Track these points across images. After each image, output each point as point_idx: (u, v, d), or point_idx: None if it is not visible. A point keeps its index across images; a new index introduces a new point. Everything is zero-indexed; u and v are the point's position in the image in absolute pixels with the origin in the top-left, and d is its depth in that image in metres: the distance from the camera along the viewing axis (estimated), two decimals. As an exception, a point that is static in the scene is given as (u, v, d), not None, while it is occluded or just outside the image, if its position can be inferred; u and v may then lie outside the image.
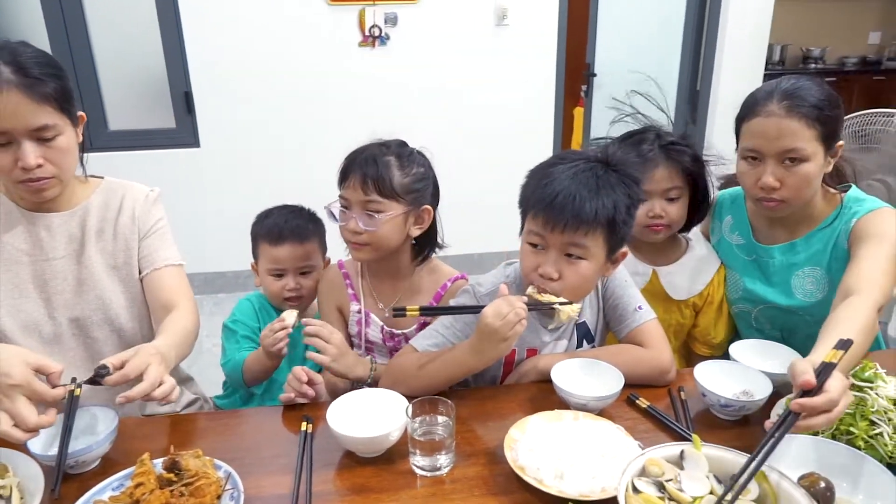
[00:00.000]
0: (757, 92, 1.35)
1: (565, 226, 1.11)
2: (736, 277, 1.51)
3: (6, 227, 1.28)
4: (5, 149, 1.14)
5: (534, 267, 1.17)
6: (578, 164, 1.18)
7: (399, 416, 1.06)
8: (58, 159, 1.18)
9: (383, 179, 1.28)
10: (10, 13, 3.36)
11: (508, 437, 1.04)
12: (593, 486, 0.93)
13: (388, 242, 1.32)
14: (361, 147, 1.35)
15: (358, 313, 1.43)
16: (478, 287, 1.29)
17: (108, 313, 1.34)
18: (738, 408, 1.11)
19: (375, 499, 0.97)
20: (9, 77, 1.09)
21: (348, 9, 3.46)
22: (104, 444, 1.04)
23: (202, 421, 1.24)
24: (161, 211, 1.43)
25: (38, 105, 1.12)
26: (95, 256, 1.32)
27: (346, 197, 1.32)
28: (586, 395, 1.13)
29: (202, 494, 0.90)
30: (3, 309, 1.27)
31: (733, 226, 1.53)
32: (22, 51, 1.15)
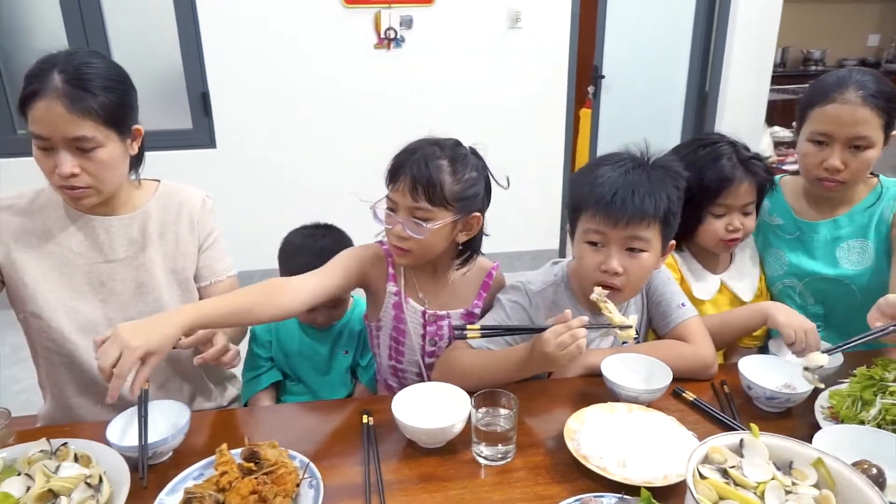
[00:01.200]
0: (827, 79, 1.43)
1: (628, 220, 1.16)
2: (780, 254, 1.59)
3: (63, 229, 1.30)
4: (48, 153, 1.17)
5: (596, 265, 1.21)
6: (625, 163, 1.23)
7: (459, 408, 1.10)
8: (95, 171, 1.20)
9: (434, 187, 1.21)
10: (31, 16, 3.38)
11: (567, 428, 1.09)
12: (656, 474, 0.97)
13: (433, 250, 1.28)
14: (413, 145, 1.28)
15: (395, 295, 1.37)
16: (528, 285, 1.34)
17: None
18: (784, 400, 1.16)
19: (444, 487, 1.01)
20: (57, 86, 1.13)
21: (364, 11, 3.50)
22: (178, 436, 1.08)
23: (263, 415, 1.28)
24: (215, 219, 1.47)
25: (78, 117, 1.15)
26: (156, 260, 1.35)
27: (393, 199, 1.26)
28: (637, 388, 1.17)
29: (283, 483, 0.94)
30: (61, 310, 1.30)
31: (771, 209, 1.61)
32: (85, 61, 1.18)
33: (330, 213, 3.76)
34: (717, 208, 1.45)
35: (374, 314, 1.42)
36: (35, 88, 1.14)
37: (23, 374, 3.12)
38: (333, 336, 1.64)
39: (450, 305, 1.38)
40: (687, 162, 1.43)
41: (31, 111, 1.15)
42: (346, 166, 3.73)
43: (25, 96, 1.15)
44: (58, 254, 1.30)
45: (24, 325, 1.34)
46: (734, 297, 1.54)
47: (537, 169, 3.97)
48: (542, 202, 4.05)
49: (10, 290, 1.31)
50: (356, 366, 1.66)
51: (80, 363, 1.32)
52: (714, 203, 1.44)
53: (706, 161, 1.44)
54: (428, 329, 1.38)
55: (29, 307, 1.29)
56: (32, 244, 1.29)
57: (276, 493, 0.91)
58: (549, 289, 1.34)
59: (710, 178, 1.42)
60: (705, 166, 1.43)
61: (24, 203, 1.30)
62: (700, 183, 1.42)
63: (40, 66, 1.17)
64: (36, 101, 1.14)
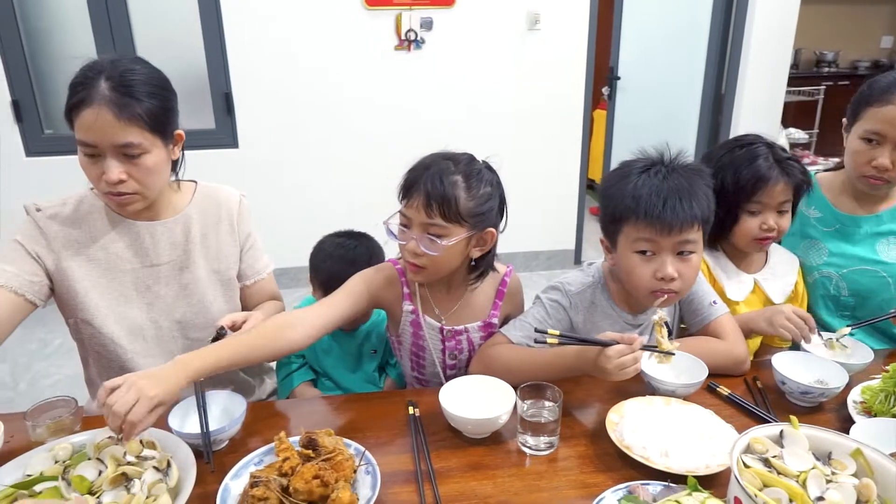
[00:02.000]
0: (881, 80, 1.47)
1: (681, 227, 1.18)
2: (819, 245, 1.64)
3: (108, 236, 1.32)
4: (95, 160, 1.19)
5: (650, 274, 1.22)
6: (658, 168, 1.25)
7: (504, 400, 1.14)
8: (142, 177, 1.22)
9: (449, 203, 1.19)
10: (58, 17, 3.44)
11: (608, 420, 1.13)
12: (697, 463, 1.01)
13: (447, 266, 1.27)
14: (426, 160, 1.26)
15: (412, 314, 1.37)
16: (568, 286, 1.37)
17: (208, 316, 1.40)
18: (818, 395, 1.20)
19: (492, 475, 1.06)
20: (104, 93, 1.14)
21: (385, 13, 3.55)
22: (236, 424, 1.12)
23: (308, 406, 1.32)
24: (252, 219, 1.50)
25: (125, 123, 1.16)
26: (199, 262, 1.38)
27: (407, 215, 1.24)
28: (675, 382, 1.21)
29: (342, 469, 0.98)
30: (111, 317, 1.32)
31: (808, 202, 1.66)
32: (129, 68, 1.19)
33: (349, 212, 3.83)
34: (752, 206, 1.47)
35: (394, 329, 1.44)
36: (83, 96, 1.14)
37: (52, 368, 3.18)
38: (361, 337, 1.68)
39: (467, 319, 1.38)
40: (723, 162, 1.46)
41: (79, 119, 1.15)
42: (366, 166, 3.78)
43: (73, 104, 1.16)
44: (104, 260, 1.32)
45: (73, 329, 1.36)
46: (766, 298, 1.57)
47: (554, 170, 4.01)
48: (558, 203, 4.09)
49: (59, 298, 1.32)
50: (385, 364, 1.70)
51: (130, 367, 1.34)
52: (749, 201, 1.47)
53: (742, 160, 1.46)
54: (447, 344, 1.39)
55: (80, 314, 1.31)
56: (80, 252, 1.30)
57: (337, 478, 0.95)
58: (587, 290, 1.38)
59: (746, 177, 1.45)
60: (741, 165, 1.45)
61: (69, 211, 1.31)
62: (736, 182, 1.45)
63: (85, 73, 1.17)
64: (84, 108, 1.14)
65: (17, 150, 3.51)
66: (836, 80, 6.82)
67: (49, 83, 3.53)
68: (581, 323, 1.36)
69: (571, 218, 4.19)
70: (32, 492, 0.92)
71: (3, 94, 3.40)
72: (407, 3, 3.54)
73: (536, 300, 1.40)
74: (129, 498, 0.92)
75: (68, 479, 0.93)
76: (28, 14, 3.38)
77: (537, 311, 1.35)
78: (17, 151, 3.52)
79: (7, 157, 3.51)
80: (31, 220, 1.29)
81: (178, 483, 0.97)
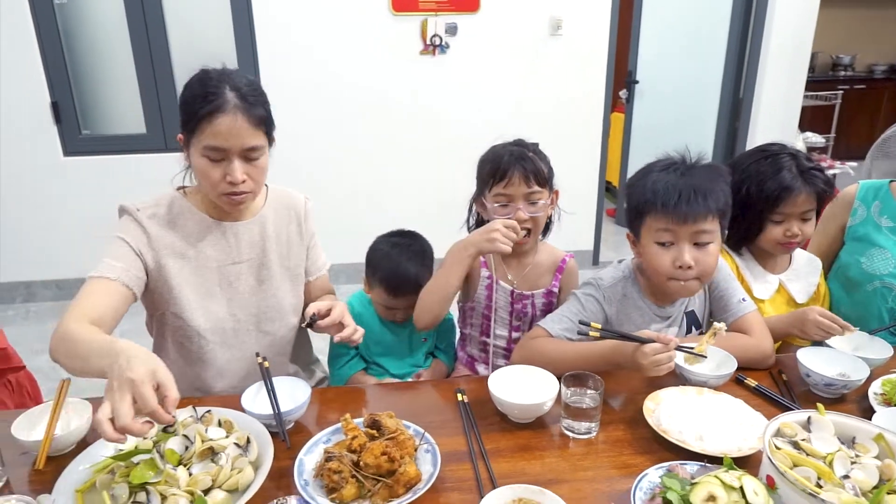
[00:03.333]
0: None
1: (696, 217, 1.29)
2: (887, 255, 1.65)
3: (200, 237, 1.42)
4: (218, 164, 1.29)
5: (669, 262, 1.33)
6: (678, 166, 1.36)
7: (548, 388, 1.24)
8: (257, 176, 1.34)
9: (540, 171, 1.49)
10: (97, 24, 3.57)
11: (645, 408, 1.22)
12: (730, 446, 1.10)
13: (542, 224, 1.58)
14: (498, 149, 1.54)
15: (488, 279, 1.61)
16: (600, 281, 1.47)
17: (280, 310, 1.51)
18: (840, 386, 1.28)
19: (540, 455, 1.15)
20: (234, 101, 1.25)
21: (411, 18, 3.65)
22: (303, 406, 1.22)
23: (361, 392, 1.42)
24: (314, 219, 1.61)
25: (253, 128, 1.28)
26: (273, 259, 1.49)
27: (507, 193, 1.50)
28: (706, 373, 1.30)
29: (405, 447, 1.08)
30: (199, 311, 1.43)
31: (882, 210, 1.70)
32: (240, 78, 1.31)
33: (373, 211, 3.92)
34: (777, 216, 1.55)
35: (466, 296, 1.63)
36: (216, 105, 1.24)
37: (89, 360, 3.30)
38: (411, 326, 1.77)
39: (533, 286, 1.63)
40: (749, 171, 1.54)
41: (211, 126, 1.25)
42: (391, 167, 3.89)
43: (205, 113, 1.24)
44: (194, 258, 1.42)
45: (158, 322, 1.46)
46: (790, 297, 1.65)
47: (574, 172, 4.08)
48: (578, 205, 4.16)
49: (152, 292, 1.41)
50: (435, 350, 1.80)
51: (209, 357, 1.46)
52: (773, 211, 1.54)
53: (767, 171, 1.54)
54: (515, 307, 1.62)
55: (171, 308, 1.41)
56: (176, 250, 1.39)
57: (402, 455, 1.05)
58: (618, 284, 1.47)
59: (771, 187, 1.52)
60: (766, 176, 1.53)
61: (163, 212, 1.40)
62: (760, 192, 1.53)
63: (207, 84, 1.27)
64: (217, 116, 1.24)
65: (55, 149, 3.64)
66: (853, 83, 6.86)
67: (87, 85, 3.66)
68: (614, 315, 1.46)
69: (590, 219, 4.27)
70: (130, 463, 1.03)
71: (43, 95, 3.53)
72: (432, 9, 3.64)
73: (572, 296, 1.50)
74: (217, 469, 1.02)
75: (162, 452, 1.03)
76: (67, 18, 3.51)
77: (573, 305, 1.45)
78: (55, 151, 3.65)
79: (46, 157, 3.64)
80: (134, 219, 1.38)
81: (258, 458, 1.07)
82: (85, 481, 1.03)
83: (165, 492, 0.97)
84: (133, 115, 3.70)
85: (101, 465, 1.04)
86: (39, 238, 3.80)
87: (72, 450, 1.18)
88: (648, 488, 1.02)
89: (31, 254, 3.80)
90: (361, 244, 1.81)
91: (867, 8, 7.05)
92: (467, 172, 1.66)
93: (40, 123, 3.58)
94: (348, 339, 1.33)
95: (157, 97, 3.65)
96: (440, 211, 3.82)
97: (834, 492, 0.91)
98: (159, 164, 3.70)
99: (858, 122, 6.76)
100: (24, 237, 3.76)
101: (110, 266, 1.32)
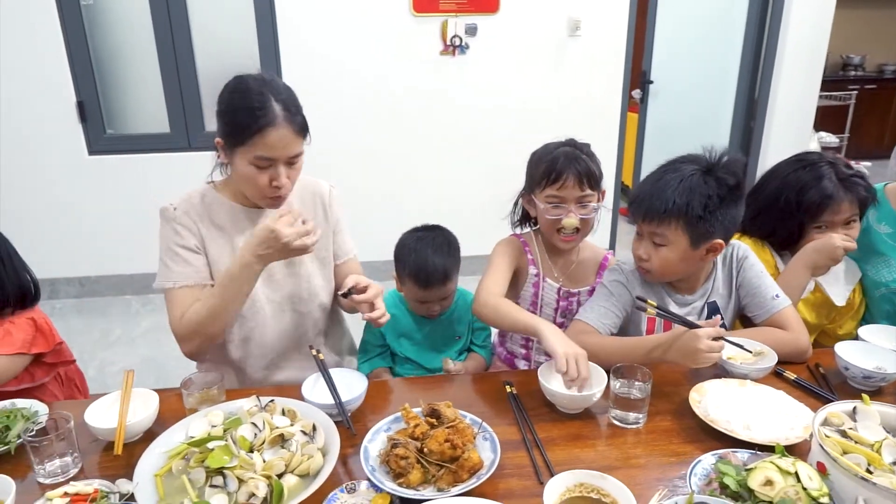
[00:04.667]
0: None
1: (644, 217, 1.40)
2: (890, 261, 1.69)
3: (234, 225, 1.50)
4: (264, 171, 1.37)
5: (635, 250, 1.49)
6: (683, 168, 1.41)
7: (596, 379, 1.28)
8: (294, 177, 1.43)
9: (592, 174, 1.50)
10: (122, 25, 3.62)
11: (691, 399, 1.26)
12: (777, 435, 1.14)
13: (592, 225, 1.58)
14: (552, 148, 1.54)
15: (535, 276, 1.65)
16: (623, 265, 1.56)
17: (312, 291, 1.59)
18: (879, 379, 1.32)
19: (592, 444, 1.20)
20: (281, 114, 1.33)
21: (432, 19, 3.69)
22: (361, 397, 1.27)
23: (415, 384, 1.46)
24: (341, 206, 1.66)
25: (297, 137, 1.37)
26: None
27: (561, 195, 1.51)
28: (748, 366, 1.34)
29: (465, 435, 1.12)
30: None
31: (879, 217, 1.72)
32: (278, 85, 1.38)
33: (394, 209, 3.96)
34: (820, 224, 1.57)
35: (513, 293, 1.65)
36: (267, 120, 1.31)
37: (115, 357, 3.35)
38: (445, 323, 1.81)
39: (579, 283, 1.67)
40: (789, 180, 1.57)
41: (263, 139, 1.32)
42: (411, 166, 3.93)
43: (257, 129, 1.31)
44: (229, 244, 1.49)
45: None
46: (826, 298, 1.69)
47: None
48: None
49: None
50: (472, 345, 1.84)
51: (250, 336, 1.53)
52: (816, 220, 1.57)
53: (808, 180, 1.57)
54: (560, 304, 1.66)
55: None
56: (215, 239, 1.48)
57: (464, 442, 1.09)
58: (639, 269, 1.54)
59: (812, 197, 1.55)
60: (807, 185, 1.56)
61: (197, 202, 1.48)
62: (800, 202, 1.56)
63: (254, 98, 1.32)
64: (269, 130, 1.31)
65: (80, 148, 3.70)
66: (863, 83, 6.88)
67: (112, 85, 3.71)
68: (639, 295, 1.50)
69: (605, 219, 4.30)
70: (204, 449, 1.07)
71: (69, 95, 3.59)
72: (452, 10, 3.68)
73: (600, 286, 1.56)
74: (290, 455, 1.06)
75: (235, 438, 1.08)
76: (94, 19, 3.56)
77: (602, 292, 1.52)
78: (80, 150, 3.70)
79: (71, 156, 3.69)
80: (176, 219, 1.45)
81: (325, 444, 1.11)
82: (161, 467, 1.07)
83: (242, 476, 1.02)
84: (157, 115, 3.76)
85: (176, 451, 1.08)
86: (64, 236, 3.85)
87: (138, 438, 1.23)
88: (703, 474, 1.06)
89: (56, 251, 3.85)
90: (382, 242, 1.85)
91: (877, 8, 7.07)
92: (487, 170, 1.70)
93: (66, 123, 3.63)
94: (375, 320, 1.38)
95: (180, 97, 3.70)
96: (461, 208, 3.87)
97: (886, 477, 0.95)
98: (182, 163, 3.78)
99: (870, 122, 6.78)
100: (48, 235, 3.81)
101: (183, 274, 1.42)
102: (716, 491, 1.00)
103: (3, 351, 1.50)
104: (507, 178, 1.88)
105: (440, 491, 1.04)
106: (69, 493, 1.04)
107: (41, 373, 1.65)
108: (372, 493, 1.05)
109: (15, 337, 1.54)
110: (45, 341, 1.61)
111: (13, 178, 3.68)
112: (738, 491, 0.98)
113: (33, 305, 1.64)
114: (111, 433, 1.18)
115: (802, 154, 1.65)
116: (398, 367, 1.83)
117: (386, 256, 1.82)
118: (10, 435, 1.19)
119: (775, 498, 0.93)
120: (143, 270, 3.95)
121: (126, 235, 3.85)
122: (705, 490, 1.01)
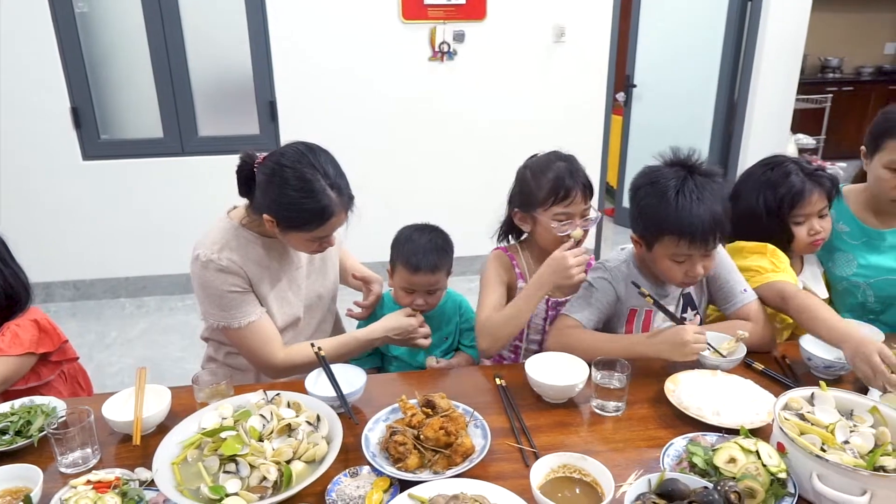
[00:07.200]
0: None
1: (711, 243, 1.45)
2: (849, 257, 1.81)
3: (267, 255, 1.59)
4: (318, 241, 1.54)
5: (682, 273, 1.49)
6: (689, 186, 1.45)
7: (579, 372, 1.38)
8: None
9: (590, 185, 1.59)
10: (116, 30, 3.68)
11: (666, 388, 1.37)
12: (744, 420, 1.25)
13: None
14: (546, 164, 1.59)
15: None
16: (607, 263, 1.64)
17: (324, 300, 1.77)
18: (838, 369, 1.44)
19: (575, 430, 1.30)
20: (336, 199, 1.47)
21: (421, 26, 3.78)
22: (361, 390, 1.36)
23: (409, 377, 1.56)
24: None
25: (347, 213, 1.53)
26: (318, 261, 1.73)
27: (569, 212, 1.56)
28: (720, 358, 1.45)
29: (458, 423, 1.22)
30: (280, 317, 1.63)
31: (837, 217, 1.83)
32: (329, 167, 1.49)
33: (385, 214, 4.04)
34: (797, 217, 1.69)
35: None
36: (332, 209, 1.47)
37: (112, 359, 3.42)
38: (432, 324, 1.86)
39: (566, 293, 1.69)
40: (760, 182, 1.69)
41: (328, 223, 1.48)
42: (401, 171, 4.02)
43: (321, 223, 1.47)
44: (268, 275, 1.60)
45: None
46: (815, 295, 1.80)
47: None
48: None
49: None
50: (460, 345, 1.93)
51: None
52: (792, 214, 1.68)
53: (777, 179, 1.68)
54: (549, 314, 1.71)
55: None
56: (256, 274, 1.57)
57: (457, 429, 1.19)
58: (622, 265, 1.63)
59: (784, 193, 1.67)
60: (777, 183, 1.68)
61: (234, 245, 1.55)
62: (776, 199, 1.67)
63: (320, 190, 1.45)
64: (333, 218, 1.48)
65: (74, 153, 3.75)
66: (841, 85, 7.06)
67: (106, 91, 3.77)
68: (623, 292, 1.61)
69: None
70: (217, 438, 1.16)
71: (63, 101, 3.64)
72: (441, 17, 3.77)
73: (585, 283, 1.63)
74: (297, 443, 1.15)
75: (245, 429, 1.17)
76: (88, 26, 3.61)
77: (588, 288, 1.61)
78: (74, 155, 3.76)
79: (66, 161, 3.75)
80: (224, 269, 1.52)
81: (330, 433, 1.20)
82: (177, 456, 1.16)
83: (254, 462, 1.10)
84: (150, 120, 3.82)
85: (190, 441, 1.17)
86: (59, 240, 3.90)
87: (152, 432, 1.31)
88: (675, 455, 1.17)
89: (51, 255, 3.90)
90: (374, 245, 1.94)
91: (856, 11, 7.25)
92: (475, 175, 1.78)
93: (60, 128, 3.68)
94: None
95: (173, 102, 3.77)
96: (450, 213, 3.95)
97: (836, 454, 1.06)
98: (175, 168, 3.85)
99: (847, 124, 6.95)
100: (43, 239, 3.86)
101: (246, 313, 1.55)
102: (686, 469, 1.10)
103: (14, 352, 1.57)
104: (495, 181, 1.95)
105: (436, 474, 1.13)
106: (92, 481, 1.12)
107: (47, 371, 1.72)
108: (373, 476, 1.14)
109: (23, 338, 1.61)
110: (51, 340, 1.68)
111: (8, 183, 3.73)
112: (706, 469, 1.09)
113: (25, 309, 1.69)
114: (128, 426, 1.26)
115: (768, 158, 1.77)
116: (388, 366, 1.91)
117: (375, 258, 1.91)
118: (32, 429, 1.27)
119: (738, 473, 1.04)
120: (137, 273, 4.02)
121: (120, 239, 3.91)
122: (676, 469, 1.12)
